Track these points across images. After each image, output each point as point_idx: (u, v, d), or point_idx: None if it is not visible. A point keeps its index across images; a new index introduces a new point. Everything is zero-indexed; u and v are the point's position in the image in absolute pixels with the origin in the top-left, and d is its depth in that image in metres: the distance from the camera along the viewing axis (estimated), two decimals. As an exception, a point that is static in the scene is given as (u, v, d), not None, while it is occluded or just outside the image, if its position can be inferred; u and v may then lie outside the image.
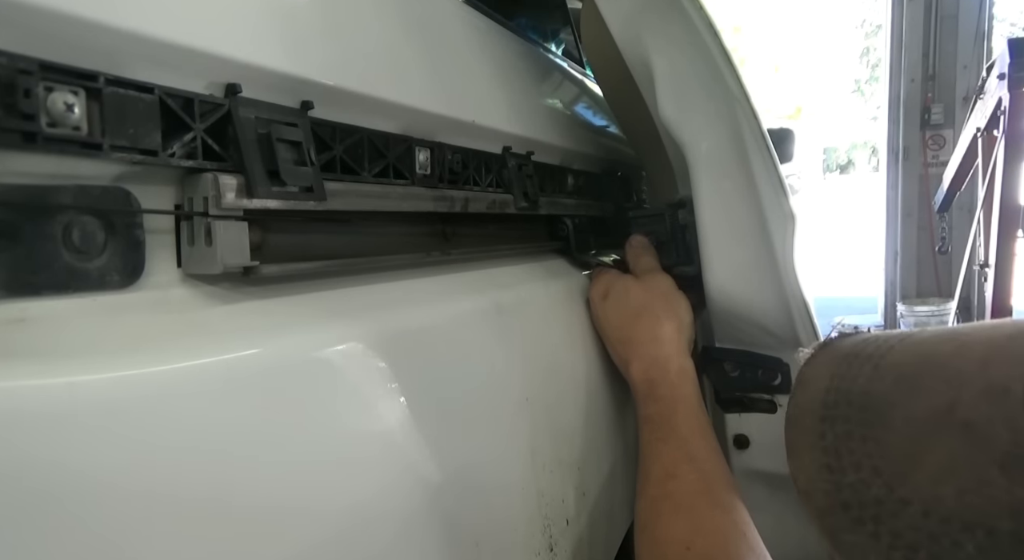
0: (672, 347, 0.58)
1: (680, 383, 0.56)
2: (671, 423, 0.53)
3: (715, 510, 0.48)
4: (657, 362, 0.57)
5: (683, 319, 0.61)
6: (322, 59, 0.37)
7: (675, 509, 0.48)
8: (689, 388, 0.56)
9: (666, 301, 0.61)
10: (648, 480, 0.51)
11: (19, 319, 0.24)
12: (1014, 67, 2.81)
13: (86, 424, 0.22)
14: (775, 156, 0.55)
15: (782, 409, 0.65)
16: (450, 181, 0.50)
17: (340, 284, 0.39)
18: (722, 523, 0.47)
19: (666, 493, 0.49)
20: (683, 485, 0.49)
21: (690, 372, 0.57)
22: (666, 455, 0.52)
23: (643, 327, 0.59)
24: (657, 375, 0.56)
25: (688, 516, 0.48)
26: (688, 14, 0.55)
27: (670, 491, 0.49)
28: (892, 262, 4.73)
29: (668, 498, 0.49)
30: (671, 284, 0.63)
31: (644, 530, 0.49)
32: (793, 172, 3.16)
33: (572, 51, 1.38)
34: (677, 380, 0.56)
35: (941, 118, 4.41)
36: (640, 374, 0.57)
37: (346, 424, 0.33)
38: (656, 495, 0.50)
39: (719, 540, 0.46)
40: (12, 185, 0.24)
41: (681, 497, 0.49)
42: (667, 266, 0.66)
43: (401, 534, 0.34)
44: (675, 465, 0.51)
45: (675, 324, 0.59)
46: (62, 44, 0.24)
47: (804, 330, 0.60)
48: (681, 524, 0.47)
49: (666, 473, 0.50)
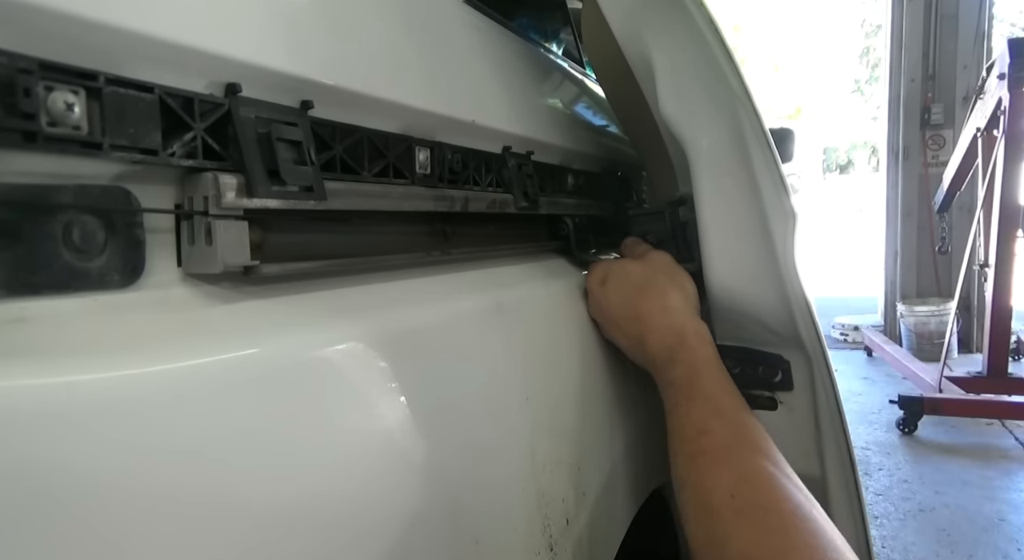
0: (684, 313, 0.59)
1: (699, 345, 0.56)
2: (696, 383, 0.54)
3: (753, 455, 0.48)
4: (673, 329, 0.58)
5: (687, 288, 0.61)
6: (322, 59, 0.37)
7: (713, 462, 0.49)
8: (708, 349, 0.57)
9: (668, 273, 0.62)
10: (681, 439, 0.52)
11: (19, 319, 0.24)
12: (1014, 67, 2.82)
13: (86, 424, 0.22)
14: (776, 153, 0.55)
15: (783, 406, 0.65)
16: (450, 181, 0.50)
17: (340, 284, 0.39)
18: (761, 468, 0.47)
19: (701, 449, 0.50)
20: (717, 438, 0.50)
21: (706, 335, 0.58)
22: (695, 413, 0.52)
23: (650, 300, 0.60)
24: (674, 341, 0.57)
25: (726, 466, 0.48)
26: (689, 11, 0.55)
27: (704, 447, 0.50)
28: (892, 262, 4.73)
29: (703, 453, 0.49)
30: (670, 258, 0.64)
31: (685, 486, 0.50)
32: (793, 172, 3.16)
33: (572, 51, 1.38)
34: (695, 343, 0.56)
35: (941, 118, 4.41)
36: (657, 343, 0.58)
37: (346, 424, 0.33)
38: (692, 451, 0.50)
39: (762, 483, 0.46)
40: (12, 184, 0.24)
41: (716, 450, 0.49)
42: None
43: (401, 534, 0.34)
44: (705, 421, 0.51)
45: (681, 293, 0.60)
46: (62, 43, 0.24)
47: (805, 327, 0.60)
48: (721, 474, 0.47)
49: (697, 430, 0.51)
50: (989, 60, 3.38)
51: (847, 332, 4.99)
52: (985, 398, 2.92)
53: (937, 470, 2.61)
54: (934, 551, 2.02)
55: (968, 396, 2.96)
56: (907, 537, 2.12)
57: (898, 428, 2.99)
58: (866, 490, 2.41)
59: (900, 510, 2.30)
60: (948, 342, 3.23)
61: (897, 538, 2.11)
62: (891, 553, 2.03)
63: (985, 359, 3.25)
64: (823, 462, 0.64)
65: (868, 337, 4.36)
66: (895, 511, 2.30)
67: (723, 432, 0.50)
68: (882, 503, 2.36)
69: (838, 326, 5.07)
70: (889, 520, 2.24)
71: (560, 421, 0.54)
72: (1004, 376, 3.21)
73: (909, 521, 2.22)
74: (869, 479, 2.54)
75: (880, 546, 2.06)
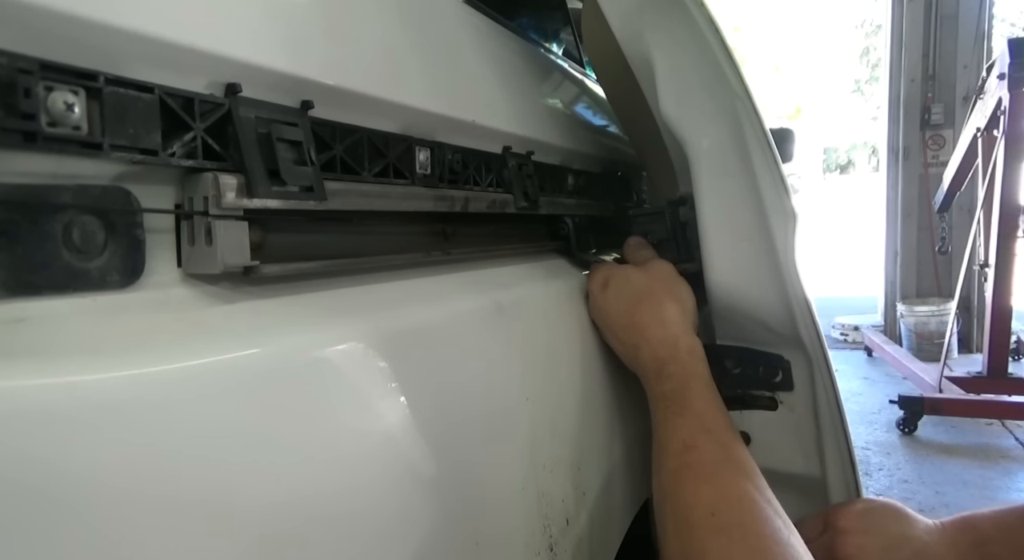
0: (679, 327, 0.59)
1: (691, 361, 0.57)
2: (686, 398, 0.54)
3: (737, 477, 0.48)
4: (666, 342, 0.58)
5: (686, 302, 0.62)
6: (322, 59, 0.36)
7: (696, 478, 0.49)
8: (700, 366, 0.57)
9: (668, 285, 0.62)
10: (667, 453, 0.52)
11: (19, 319, 0.24)
12: (1014, 67, 2.82)
13: (86, 424, 0.22)
14: (776, 153, 0.55)
15: (783, 406, 0.65)
16: (450, 181, 0.50)
17: (340, 284, 0.39)
18: (745, 489, 0.47)
19: (686, 464, 0.50)
20: (703, 455, 0.50)
21: (699, 350, 0.58)
22: (683, 428, 0.52)
23: (648, 311, 0.60)
24: (667, 354, 0.57)
25: (710, 484, 0.48)
26: (689, 11, 0.55)
27: (690, 462, 0.50)
28: (892, 262, 4.73)
29: (689, 468, 0.49)
30: (671, 269, 0.64)
31: (666, 500, 0.50)
32: (793, 172, 3.16)
33: (572, 51, 1.38)
34: (687, 358, 0.57)
35: (941, 118, 4.41)
36: (650, 354, 0.58)
37: (346, 424, 0.33)
38: (676, 466, 0.50)
39: (744, 505, 0.46)
40: (12, 185, 0.24)
41: (702, 466, 0.49)
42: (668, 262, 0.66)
43: (401, 534, 0.34)
44: (693, 437, 0.51)
45: (679, 306, 0.61)
46: (62, 43, 0.24)
47: (805, 327, 0.60)
48: (704, 491, 0.47)
49: (684, 445, 0.51)
50: (989, 60, 3.38)
51: (847, 332, 4.99)
52: (985, 398, 2.92)
53: (937, 470, 2.61)
54: (934, 551, 2.02)
55: (968, 396, 2.96)
56: (907, 537, 2.12)
57: (898, 428, 2.99)
58: (866, 490, 2.40)
59: (900, 510, 2.30)
60: (948, 342, 3.23)
61: (897, 538, 2.11)
62: (891, 553, 2.02)
63: (985, 359, 3.25)
64: (823, 462, 0.65)
65: (868, 337, 4.36)
66: (895, 511, 2.29)
67: (710, 450, 0.50)
68: (882, 503, 2.36)
69: (838, 326, 5.07)
70: (889, 520, 2.23)
71: (560, 421, 0.54)
72: (1004, 376, 3.21)
73: (909, 521, 2.22)
74: (869, 479, 2.54)
75: (880, 546, 2.05)
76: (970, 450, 2.80)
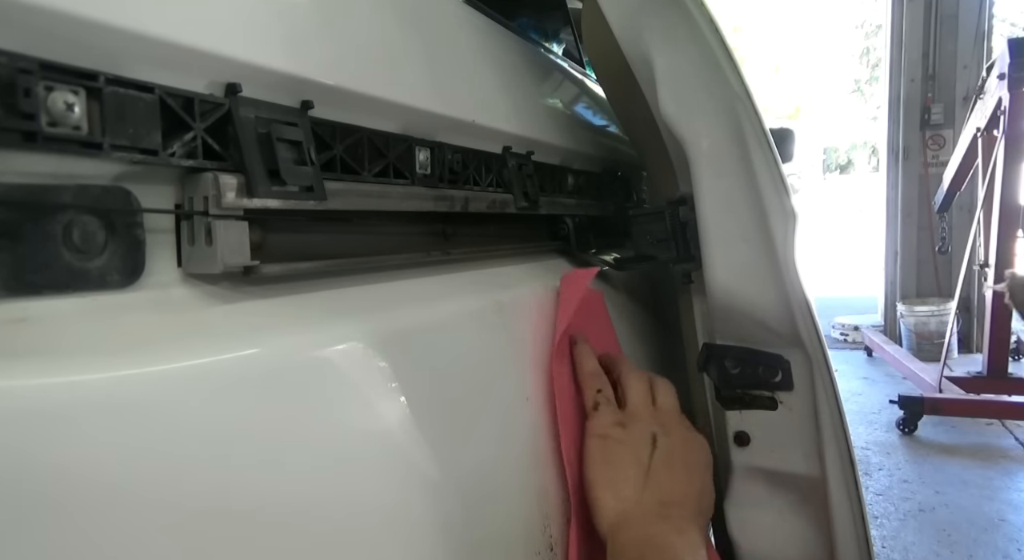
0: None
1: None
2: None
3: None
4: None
5: (707, 513, 0.54)
6: (322, 59, 0.37)
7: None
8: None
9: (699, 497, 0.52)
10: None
11: (19, 319, 0.24)
12: (1014, 67, 2.82)
13: (86, 424, 0.22)
14: (776, 153, 0.55)
15: (782, 406, 0.65)
16: (450, 181, 0.50)
17: (340, 284, 0.39)
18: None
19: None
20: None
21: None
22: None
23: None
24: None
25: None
26: (689, 11, 0.55)
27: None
28: (892, 262, 4.73)
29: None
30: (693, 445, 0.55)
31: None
32: (793, 172, 3.16)
33: (572, 51, 1.39)
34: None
35: (941, 118, 4.42)
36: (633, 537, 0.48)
37: (346, 424, 0.33)
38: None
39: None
40: (12, 184, 0.24)
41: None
42: (667, 262, 0.66)
43: (400, 533, 0.34)
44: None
45: (701, 521, 0.52)
46: (62, 43, 0.24)
47: (805, 327, 0.60)
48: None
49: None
50: (989, 60, 3.38)
51: (847, 332, 4.99)
52: (985, 398, 2.92)
53: (937, 470, 2.61)
54: (934, 551, 2.02)
55: (968, 396, 2.97)
56: (907, 537, 2.12)
57: (898, 428, 2.99)
58: (866, 490, 2.41)
59: (900, 510, 2.30)
60: (948, 342, 3.23)
61: (897, 538, 2.11)
62: (891, 553, 2.03)
63: (985, 359, 3.25)
64: (823, 462, 0.64)
65: (868, 337, 4.36)
66: (895, 511, 2.30)
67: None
68: (882, 503, 2.36)
69: (838, 326, 5.07)
70: (889, 520, 2.24)
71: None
72: (1004, 376, 3.21)
73: (909, 521, 2.22)
74: (869, 479, 2.54)
75: (880, 546, 2.06)
76: (970, 450, 2.80)
